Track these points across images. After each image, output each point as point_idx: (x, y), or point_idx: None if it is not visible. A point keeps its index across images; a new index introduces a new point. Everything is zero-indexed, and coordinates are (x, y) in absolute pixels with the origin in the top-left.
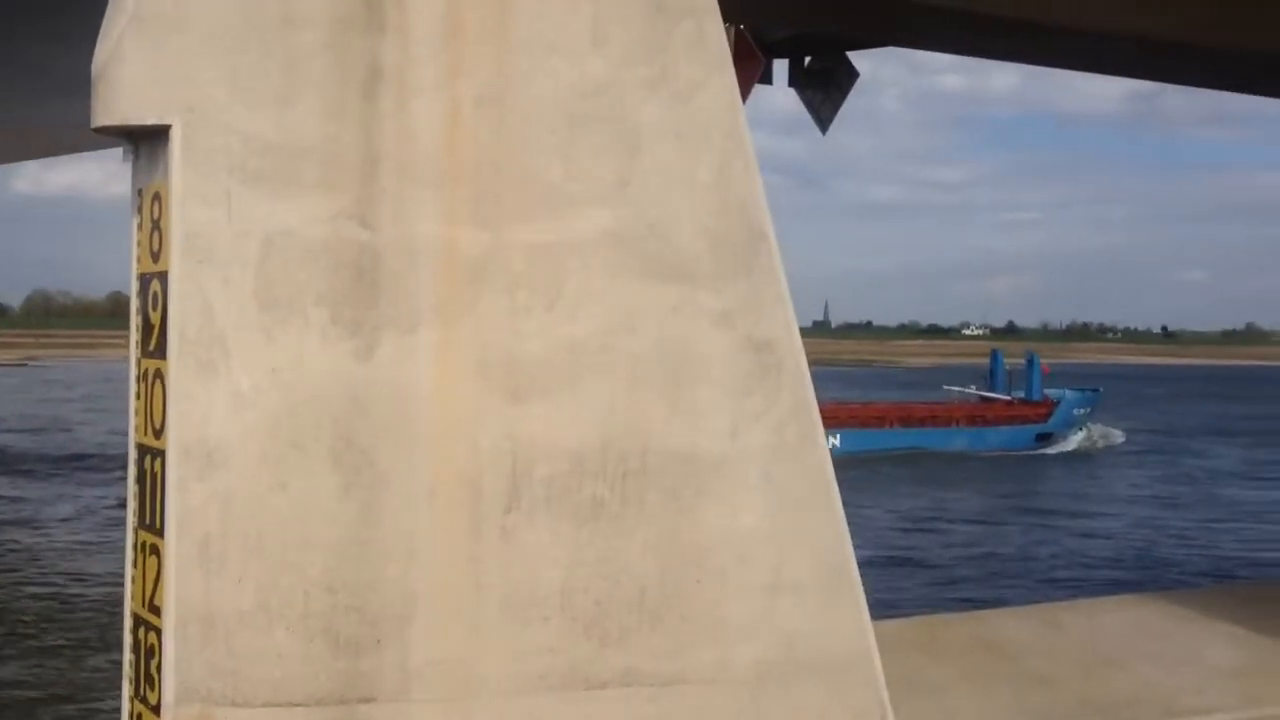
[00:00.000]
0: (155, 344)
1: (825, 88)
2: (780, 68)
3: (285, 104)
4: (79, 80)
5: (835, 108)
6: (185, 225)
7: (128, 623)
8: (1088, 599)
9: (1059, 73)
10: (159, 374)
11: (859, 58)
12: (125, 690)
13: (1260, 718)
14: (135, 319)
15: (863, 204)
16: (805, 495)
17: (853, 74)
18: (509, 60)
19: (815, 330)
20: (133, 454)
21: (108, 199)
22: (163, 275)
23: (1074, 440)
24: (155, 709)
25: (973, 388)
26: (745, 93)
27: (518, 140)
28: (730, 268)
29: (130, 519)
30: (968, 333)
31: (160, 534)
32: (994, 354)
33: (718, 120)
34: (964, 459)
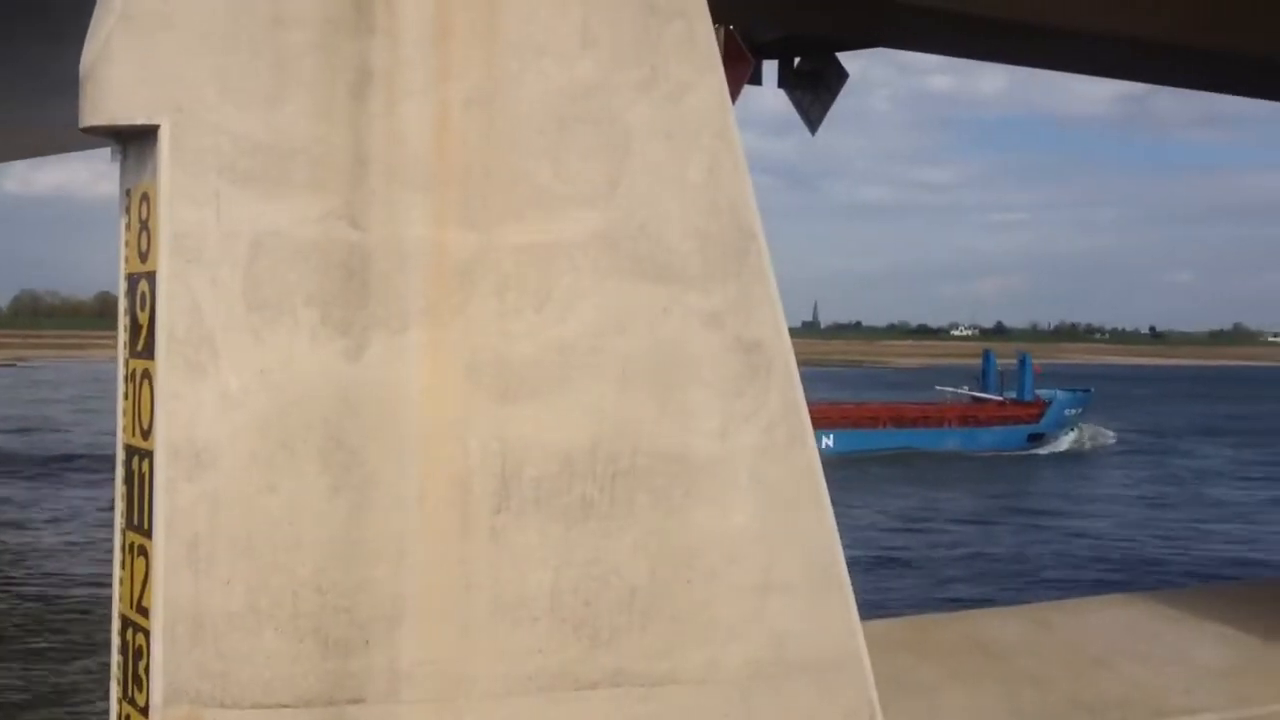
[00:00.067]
0: (143, 344)
1: (814, 88)
2: (770, 68)
3: (275, 104)
4: (68, 79)
5: (824, 108)
6: (174, 225)
7: (116, 624)
8: (1076, 599)
9: (1048, 74)
10: (147, 374)
11: (848, 59)
12: (113, 692)
13: (1248, 717)
14: (123, 319)
15: (852, 205)
16: (795, 495)
17: (842, 75)
18: (499, 62)
19: (804, 331)
20: (121, 455)
21: (96, 199)
22: (151, 275)
23: (1065, 441)
24: (143, 710)
25: (965, 388)
26: (735, 94)
27: (507, 142)
28: (720, 268)
29: (118, 520)
30: (957, 333)
31: (149, 535)
32: (986, 354)
33: (707, 121)
34: (956, 459)
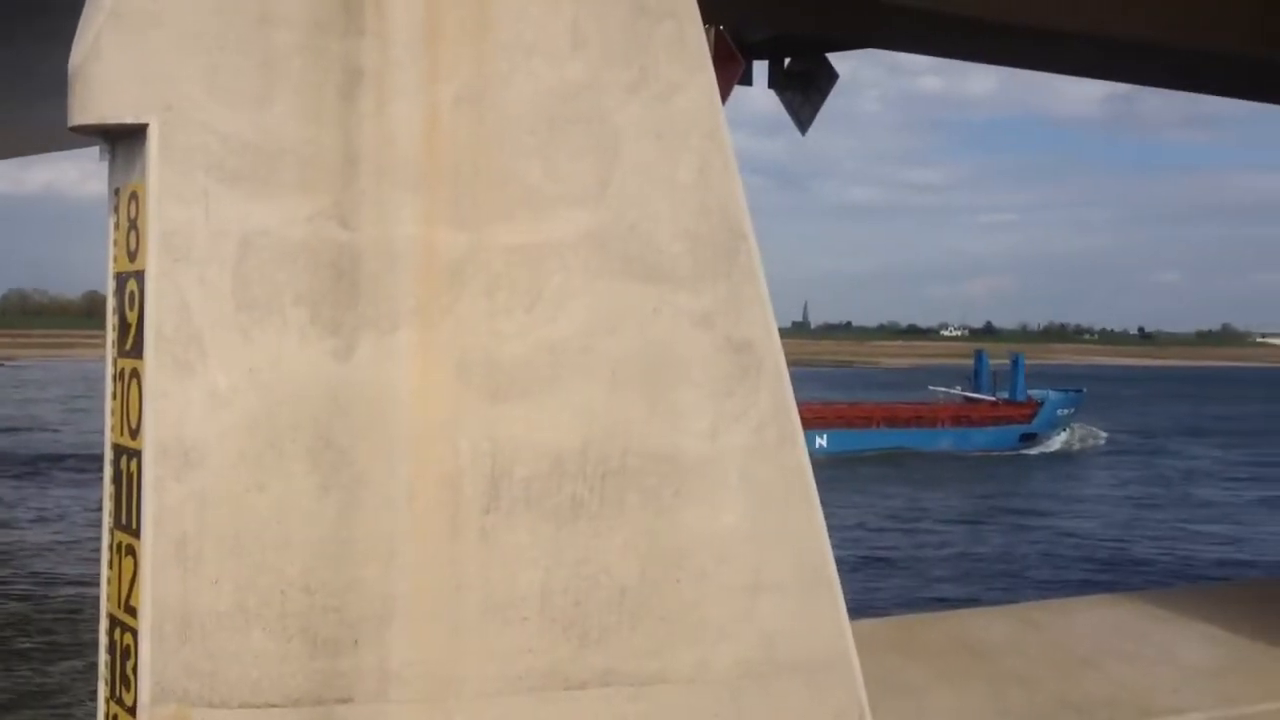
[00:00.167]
0: (132, 343)
1: (805, 89)
2: (760, 69)
3: (263, 104)
4: (57, 79)
5: (815, 109)
6: (162, 224)
7: (104, 623)
8: (1063, 599)
9: (1037, 75)
10: (135, 373)
11: (838, 59)
12: (101, 691)
13: (1235, 717)
14: (112, 318)
15: (842, 205)
16: (784, 496)
17: (832, 75)
18: (489, 62)
19: (794, 331)
20: (109, 454)
21: (84, 198)
22: (139, 274)
23: (1057, 441)
24: (131, 710)
25: (958, 388)
26: (725, 94)
27: (497, 142)
28: (710, 269)
29: (106, 519)
30: (946, 333)
31: (136, 534)
32: (978, 355)
33: (697, 121)
34: (948, 459)
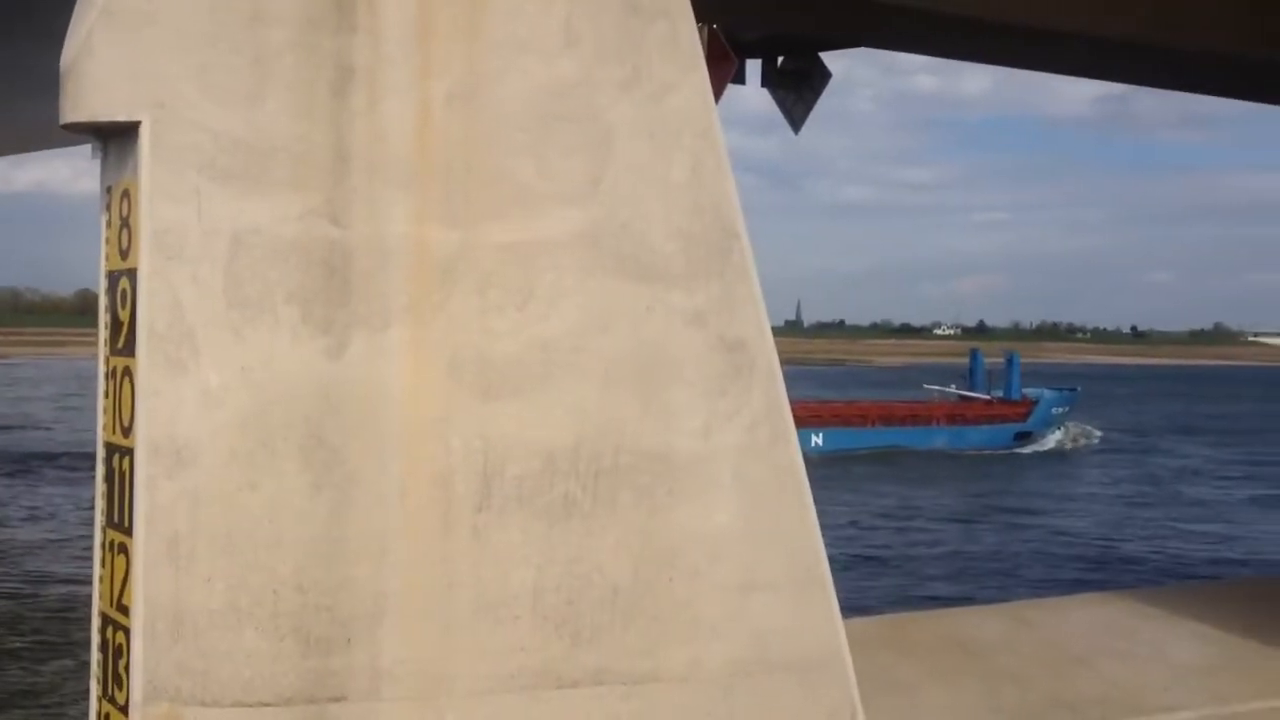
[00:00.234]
0: (124, 341)
1: (798, 88)
2: (753, 68)
3: (255, 101)
4: (49, 76)
5: (808, 108)
6: (154, 222)
7: (96, 622)
8: (1055, 597)
9: (1031, 74)
10: (128, 372)
11: (832, 58)
12: (93, 690)
13: (1226, 714)
14: (104, 316)
15: (835, 204)
16: (777, 494)
17: (825, 74)
18: (481, 60)
19: (788, 330)
20: (101, 452)
21: (77, 195)
22: (132, 273)
23: (1052, 439)
24: (123, 709)
25: (953, 387)
26: (718, 93)
27: (489, 140)
28: (703, 268)
29: (98, 518)
30: (939, 332)
31: (129, 533)
32: (973, 353)
33: (690, 120)
34: (943, 457)
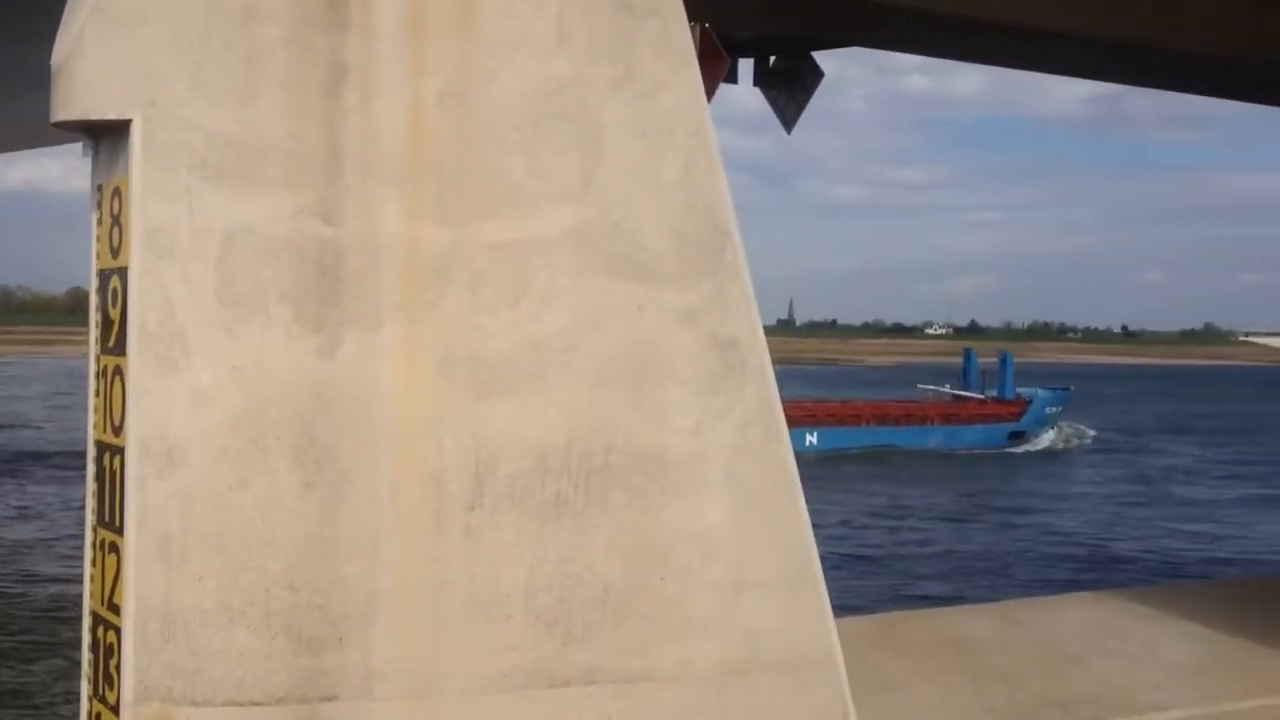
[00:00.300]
0: (115, 340)
1: (790, 87)
2: (745, 67)
3: (247, 99)
4: (40, 75)
5: (800, 107)
6: (145, 221)
7: (87, 621)
8: (1046, 596)
9: (1024, 74)
10: (119, 370)
11: (824, 58)
12: (84, 689)
13: (1216, 714)
14: (95, 315)
15: (828, 204)
16: (769, 493)
17: (818, 74)
18: (473, 58)
19: (780, 329)
20: (92, 451)
21: (68, 193)
22: (123, 271)
23: (1045, 439)
24: (114, 708)
25: (947, 386)
26: (710, 92)
27: (481, 138)
28: (695, 267)
29: (89, 517)
30: (931, 332)
31: (120, 532)
32: (967, 353)
33: (683, 119)
34: (936, 457)
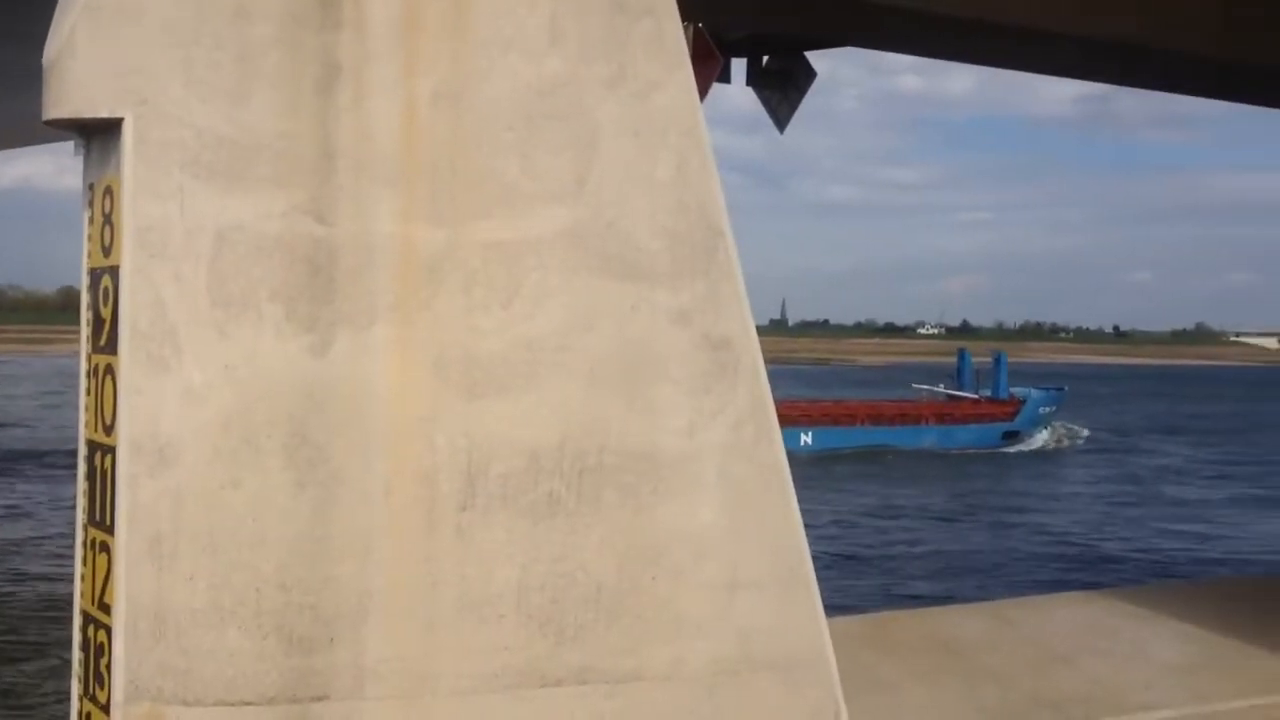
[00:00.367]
0: (106, 339)
1: (783, 87)
2: (739, 67)
3: (239, 98)
4: (31, 73)
5: (793, 107)
6: (137, 220)
7: (77, 621)
8: (1037, 596)
9: (1015, 75)
10: (110, 369)
11: (817, 58)
12: (74, 689)
13: (1206, 713)
14: (86, 314)
15: (820, 203)
16: (762, 493)
17: (810, 73)
18: (467, 57)
19: (772, 328)
20: (83, 450)
21: (60, 192)
22: (114, 270)
23: (1039, 439)
24: (105, 708)
25: (941, 386)
26: (703, 92)
27: (475, 138)
28: (688, 266)
29: (80, 516)
30: (923, 332)
31: (111, 531)
32: (961, 353)
33: (676, 119)
34: (930, 456)
